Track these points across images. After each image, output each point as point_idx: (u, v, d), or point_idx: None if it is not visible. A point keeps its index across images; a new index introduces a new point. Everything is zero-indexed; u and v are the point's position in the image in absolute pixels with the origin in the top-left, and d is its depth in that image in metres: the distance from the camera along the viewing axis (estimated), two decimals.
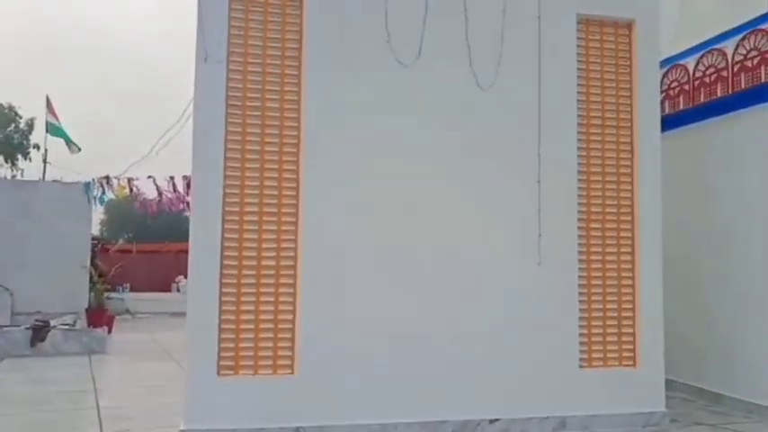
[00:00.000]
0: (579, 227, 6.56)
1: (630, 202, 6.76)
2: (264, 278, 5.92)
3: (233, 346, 5.80)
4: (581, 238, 6.56)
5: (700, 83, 8.34)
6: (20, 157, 38.78)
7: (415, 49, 6.19)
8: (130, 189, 16.23)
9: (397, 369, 6.03)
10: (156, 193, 16.49)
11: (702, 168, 8.20)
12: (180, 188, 16.11)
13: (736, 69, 7.77)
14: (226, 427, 5.64)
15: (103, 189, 15.88)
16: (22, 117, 39.09)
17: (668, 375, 6.79)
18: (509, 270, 6.36)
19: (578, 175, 6.59)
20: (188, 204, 14.14)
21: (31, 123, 38.91)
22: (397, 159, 6.20)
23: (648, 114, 6.82)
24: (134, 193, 16.71)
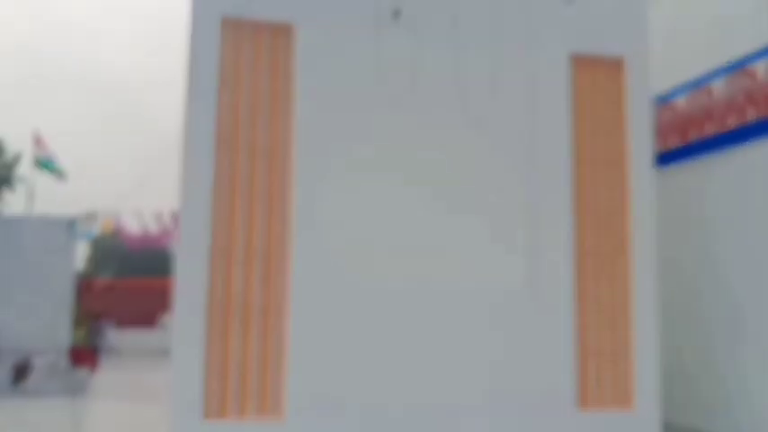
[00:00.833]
0: (574, 264, 6.48)
1: (625, 238, 6.70)
2: (253, 317, 5.76)
3: (219, 388, 5.60)
4: (576, 273, 6.48)
5: (690, 120, 8.37)
6: (4, 190, 38.40)
7: (407, 86, 6.16)
8: (116, 225, 16.05)
9: (389, 416, 5.84)
10: (142, 227, 16.32)
11: (697, 204, 8.18)
12: (167, 223, 15.96)
13: (724, 108, 7.82)
14: None
15: (89, 225, 15.69)
16: (8, 150, 38.82)
17: (666, 417, 6.64)
18: (504, 310, 6.25)
19: (572, 211, 6.54)
20: (174, 239, 13.98)
21: (17, 157, 38.63)
22: (388, 198, 6.13)
23: (641, 151, 6.82)
24: (119, 227, 16.52)
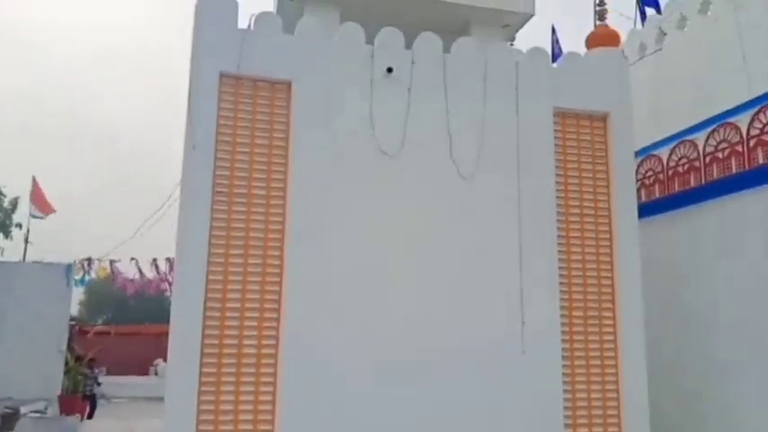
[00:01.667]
0: (562, 314, 6.59)
1: (611, 289, 6.82)
2: (246, 366, 5.83)
3: None
4: (564, 325, 6.58)
5: (674, 172, 8.61)
6: (1, 235, 38.33)
7: (399, 139, 6.39)
8: (112, 270, 16.10)
9: None
10: (138, 273, 16.37)
11: (681, 253, 8.34)
12: (162, 269, 16.01)
13: (707, 160, 8.06)
14: None
15: (85, 271, 15.75)
16: (6, 196, 38.96)
17: None
18: (493, 365, 6.30)
19: (559, 263, 6.67)
20: (170, 285, 14.03)
21: (15, 203, 38.73)
22: (380, 248, 6.26)
23: (625, 203, 7.01)
24: (115, 273, 16.57)
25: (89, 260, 15.83)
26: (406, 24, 6.86)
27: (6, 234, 39.14)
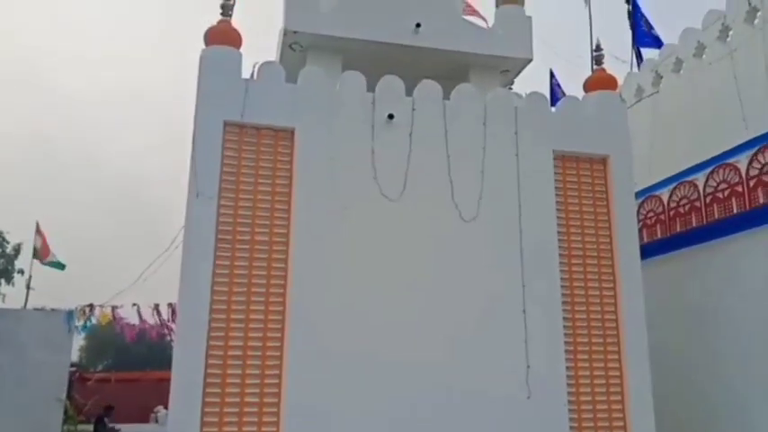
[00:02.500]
0: (567, 358, 6.52)
1: (616, 331, 6.77)
2: (247, 417, 5.76)
3: None
4: (569, 369, 6.51)
5: (675, 213, 8.64)
6: (3, 281, 38.19)
7: (400, 184, 6.43)
8: (114, 316, 15.99)
9: None
10: (139, 319, 16.23)
11: (686, 293, 8.30)
12: (164, 315, 15.89)
13: (708, 200, 8.09)
14: None
15: (86, 317, 15.64)
16: (9, 242, 38.96)
17: None
18: (500, 411, 6.21)
19: (563, 305, 6.64)
20: (172, 331, 13.92)
21: (17, 248, 38.71)
22: (382, 294, 6.24)
23: (627, 244, 7.00)
24: (116, 319, 16.43)
25: (91, 306, 15.73)
26: (406, 71, 6.98)
27: (8, 280, 39.03)
